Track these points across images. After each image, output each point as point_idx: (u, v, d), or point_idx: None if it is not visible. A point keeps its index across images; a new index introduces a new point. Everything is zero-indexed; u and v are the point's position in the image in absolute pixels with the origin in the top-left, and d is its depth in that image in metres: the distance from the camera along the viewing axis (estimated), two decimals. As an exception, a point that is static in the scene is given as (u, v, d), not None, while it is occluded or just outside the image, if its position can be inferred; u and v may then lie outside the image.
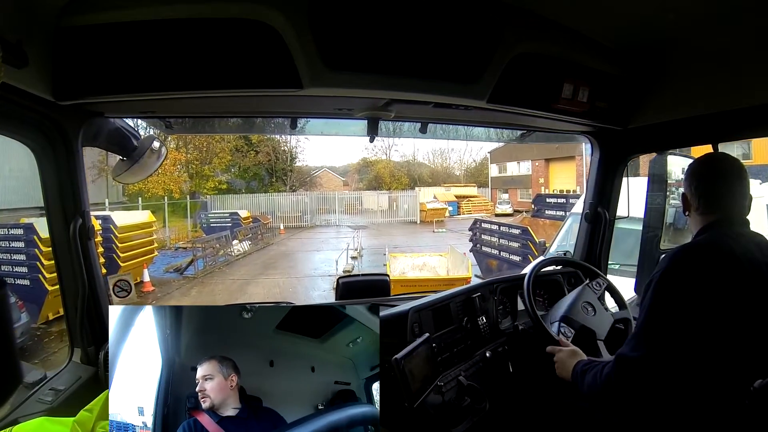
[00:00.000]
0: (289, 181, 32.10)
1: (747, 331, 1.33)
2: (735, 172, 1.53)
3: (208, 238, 15.99)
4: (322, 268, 14.43)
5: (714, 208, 1.51)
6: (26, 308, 7.51)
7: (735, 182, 1.51)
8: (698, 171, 1.58)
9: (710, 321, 1.32)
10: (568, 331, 1.99)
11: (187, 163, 26.49)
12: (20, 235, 8.73)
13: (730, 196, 1.51)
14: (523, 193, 31.87)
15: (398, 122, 2.15)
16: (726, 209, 1.50)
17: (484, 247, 12.89)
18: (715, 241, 1.44)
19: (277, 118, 2.12)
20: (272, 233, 21.08)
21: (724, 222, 1.48)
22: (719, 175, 1.54)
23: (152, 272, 12.58)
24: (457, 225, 23.98)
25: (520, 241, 11.61)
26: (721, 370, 1.33)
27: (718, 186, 1.52)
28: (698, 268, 1.37)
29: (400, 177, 36.20)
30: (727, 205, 1.50)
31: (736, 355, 1.33)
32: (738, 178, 1.52)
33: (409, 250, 15.52)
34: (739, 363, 1.33)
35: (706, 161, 1.59)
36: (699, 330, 1.33)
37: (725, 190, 1.51)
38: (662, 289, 1.40)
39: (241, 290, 11.76)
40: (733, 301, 1.33)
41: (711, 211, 1.52)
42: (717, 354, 1.33)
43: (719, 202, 1.51)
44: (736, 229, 1.47)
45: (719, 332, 1.32)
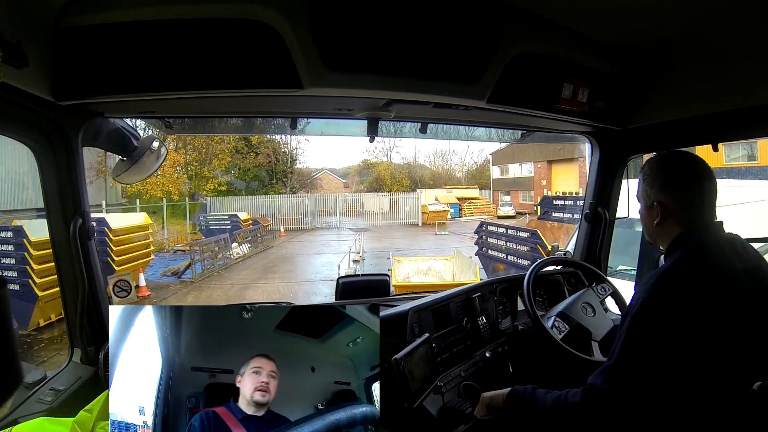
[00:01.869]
0: (289, 183, 32.11)
1: (735, 342, 1.27)
2: (705, 172, 1.42)
3: (207, 240, 15.89)
4: (323, 272, 14.33)
5: (687, 218, 1.40)
6: (15, 314, 7.36)
7: (706, 184, 1.41)
8: (663, 175, 1.45)
9: (694, 346, 1.25)
10: (562, 326, 1.99)
11: (186, 165, 26.49)
12: (9, 238, 8.52)
13: (703, 201, 1.40)
14: (525, 195, 31.87)
15: (398, 122, 2.15)
16: (700, 218, 1.40)
17: (490, 251, 12.69)
18: (695, 260, 1.33)
19: (277, 118, 2.13)
20: (272, 236, 21.05)
21: (700, 232, 1.38)
22: (689, 179, 1.42)
23: (149, 276, 12.49)
24: (459, 227, 24.00)
25: (529, 245, 11.35)
26: (712, 383, 1.27)
27: (690, 191, 1.41)
28: (680, 296, 1.27)
29: (401, 179, 36.24)
30: (702, 213, 1.40)
31: (726, 368, 1.27)
32: (709, 179, 1.42)
33: (412, 253, 15.48)
34: (730, 374, 1.28)
35: (670, 163, 1.46)
36: (681, 359, 1.25)
37: (698, 196, 1.41)
38: (641, 322, 1.30)
39: (240, 295, 11.60)
40: (718, 321, 1.26)
41: (683, 222, 1.41)
42: (707, 370, 1.27)
43: (693, 210, 1.40)
44: (713, 237, 1.38)
45: (705, 355, 1.26)
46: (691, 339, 1.25)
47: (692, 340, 1.26)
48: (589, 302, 2.12)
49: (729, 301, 1.28)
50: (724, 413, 1.28)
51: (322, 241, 20.93)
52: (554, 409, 1.40)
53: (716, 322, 1.26)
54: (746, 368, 1.29)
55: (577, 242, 2.67)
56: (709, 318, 1.26)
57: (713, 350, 1.27)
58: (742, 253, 1.37)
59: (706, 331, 1.26)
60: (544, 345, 1.96)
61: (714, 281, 1.29)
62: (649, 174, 1.47)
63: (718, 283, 1.29)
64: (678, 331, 1.26)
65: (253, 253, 17.25)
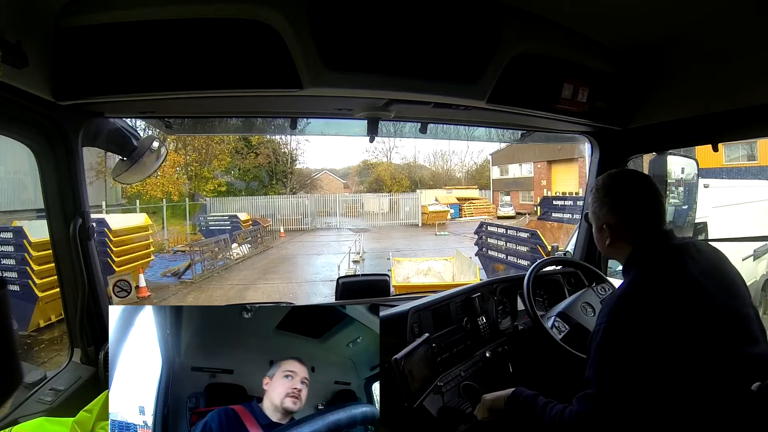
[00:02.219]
0: (289, 184, 32.08)
1: (708, 348, 1.28)
2: (647, 185, 1.48)
3: (207, 241, 15.89)
4: (323, 272, 14.31)
5: (636, 236, 1.45)
6: (15, 315, 7.35)
7: (652, 198, 1.47)
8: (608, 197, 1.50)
9: (667, 359, 1.26)
10: (562, 326, 1.99)
11: (186, 165, 26.48)
12: (9, 239, 8.48)
13: (650, 216, 1.45)
14: (525, 196, 31.85)
15: (398, 122, 2.15)
16: (650, 233, 1.44)
17: (490, 251, 12.63)
18: (648, 278, 1.37)
19: (277, 118, 2.13)
20: (272, 236, 21.05)
21: (652, 247, 1.42)
22: (634, 196, 1.47)
23: (149, 276, 12.45)
24: (459, 228, 23.97)
25: (528, 245, 11.29)
26: (697, 395, 1.28)
27: (637, 209, 1.46)
28: (639, 316, 1.30)
29: (401, 179, 36.20)
30: (651, 228, 1.44)
31: (705, 377, 1.28)
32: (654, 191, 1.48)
33: (412, 254, 15.48)
34: (712, 382, 1.28)
35: (612, 183, 1.51)
36: (656, 374, 1.27)
37: (645, 212, 1.46)
38: (606, 349, 1.32)
39: (240, 296, 11.59)
40: (684, 328, 1.28)
41: (633, 240, 1.45)
42: (686, 384, 1.28)
43: (641, 227, 1.45)
44: (665, 249, 1.41)
45: (680, 364, 1.27)
46: (659, 353, 1.27)
47: (661, 354, 1.27)
48: (589, 302, 2.12)
49: (690, 306, 1.30)
50: (717, 416, 1.28)
51: (322, 241, 20.92)
52: (550, 424, 1.40)
53: (682, 330, 1.28)
54: (724, 370, 1.29)
55: (577, 242, 2.67)
56: (673, 328, 1.28)
57: (685, 358, 1.27)
58: (696, 257, 1.39)
59: (673, 342, 1.27)
60: (544, 345, 1.95)
61: (670, 293, 1.32)
62: (597, 197, 1.52)
63: (674, 294, 1.31)
64: (645, 350, 1.28)
65: (253, 253, 17.23)
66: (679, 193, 2.36)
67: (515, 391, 1.57)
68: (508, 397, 1.57)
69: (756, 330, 1.37)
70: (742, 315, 1.36)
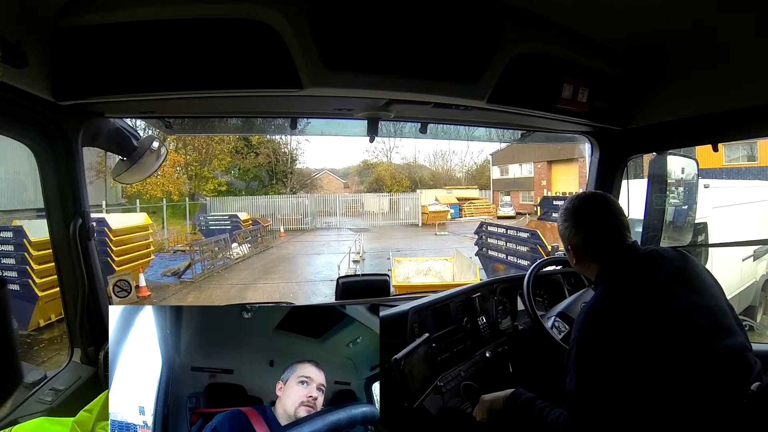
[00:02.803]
0: (289, 183, 32.09)
1: (682, 350, 1.32)
2: (606, 205, 1.57)
3: (207, 241, 15.87)
4: (323, 272, 14.29)
5: (602, 252, 1.53)
6: (15, 314, 7.33)
7: (612, 217, 1.55)
8: (573, 218, 1.59)
9: (644, 364, 1.30)
10: (562, 326, 1.99)
11: (186, 165, 26.48)
12: (9, 238, 8.49)
13: (612, 233, 1.53)
14: (525, 196, 31.86)
15: (398, 122, 2.15)
16: (614, 248, 1.51)
17: (490, 251, 12.62)
18: (616, 288, 1.43)
19: (277, 118, 2.13)
20: (272, 236, 21.05)
21: (618, 261, 1.49)
22: (594, 216, 1.57)
23: (149, 276, 12.45)
24: (459, 228, 23.96)
25: (528, 245, 11.29)
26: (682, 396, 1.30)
27: (603, 224, 1.55)
28: (608, 326, 1.35)
29: (401, 179, 36.21)
30: (614, 243, 1.52)
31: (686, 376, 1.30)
32: (615, 208, 1.57)
33: (412, 254, 15.47)
34: (694, 380, 1.30)
35: (575, 206, 1.61)
36: (637, 380, 1.30)
37: (606, 230, 1.54)
38: (582, 360, 1.37)
39: (240, 296, 11.58)
40: (655, 335, 1.32)
41: (600, 257, 1.53)
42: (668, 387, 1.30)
43: (605, 244, 1.53)
44: (631, 259, 1.48)
45: (658, 368, 1.30)
46: (636, 358, 1.31)
47: (638, 358, 1.31)
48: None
49: (658, 309, 1.35)
50: (703, 416, 1.29)
51: (322, 241, 20.91)
52: (545, 430, 1.43)
53: (654, 332, 1.32)
54: (706, 362, 1.32)
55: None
56: (645, 332, 1.32)
57: (662, 361, 1.30)
58: (661, 263, 1.45)
59: (647, 345, 1.31)
60: (544, 345, 1.96)
61: (638, 299, 1.37)
62: (561, 219, 1.63)
63: (642, 299, 1.37)
64: (619, 357, 1.31)
65: (253, 253, 17.23)
66: (679, 193, 2.36)
67: (514, 392, 1.59)
68: (507, 398, 1.59)
69: (732, 323, 1.42)
70: (714, 311, 1.40)
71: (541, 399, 1.53)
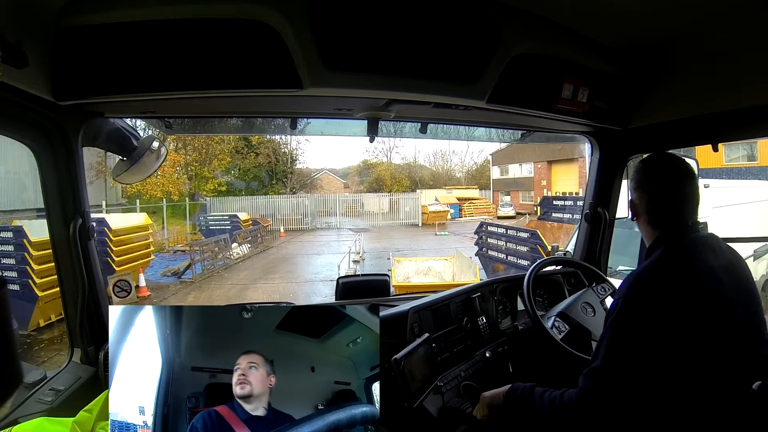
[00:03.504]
0: (289, 183, 32.07)
1: (717, 341, 1.30)
2: (684, 174, 1.47)
3: (207, 241, 15.86)
4: (323, 272, 14.29)
5: (665, 220, 1.47)
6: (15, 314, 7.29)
7: (685, 186, 1.46)
8: (644, 178, 1.52)
9: (677, 342, 1.28)
10: (562, 326, 1.99)
11: (187, 165, 26.47)
12: (9, 238, 8.48)
13: (680, 203, 1.46)
14: (525, 196, 31.85)
15: (398, 122, 2.15)
16: (678, 219, 1.45)
17: (490, 251, 12.64)
18: (670, 260, 1.39)
19: (277, 118, 2.12)
20: (272, 236, 21.04)
21: (677, 233, 1.44)
22: (667, 181, 1.48)
23: (149, 276, 12.45)
24: (459, 228, 23.97)
25: (528, 245, 11.30)
26: (703, 383, 1.30)
27: (668, 194, 1.47)
28: (657, 294, 1.32)
29: (401, 179, 36.19)
30: (679, 214, 1.45)
31: (715, 365, 1.30)
32: (689, 181, 1.46)
33: (412, 254, 15.47)
34: (721, 371, 1.30)
35: (651, 166, 1.52)
36: (665, 356, 1.29)
37: (676, 198, 1.46)
38: (621, 322, 1.35)
39: (240, 296, 11.59)
40: (698, 317, 1.29)
41: (662, 223, 1.47)
42: (694, 370, 1.29)
43: (670, 212, 1.46)
44: (690, 238, 1.42)
45: (689, 351, 1.29)
46: (672, 335, 1.29)
47: (674, 337, 1.29)
48: (589, 302, 2.12)
49: (708, 296, 1.32)
50: (716, 412, 1.29)
51: (322, 241, 20.91)
52: (550, 411, 1.43)
53: (696, 318, 1.30)
54: (733, 364, 1.31)
55: (577, 242, 2.67)
56: (688, 313, 1.29)
57: (696, 346, 1.29)
58: (717, 252, 1.41)
59: (686, 327, 1.29)
60: (544, 345, 1.96)
61: (690, 278, 1.33)
62: (632, 174, 1.57)
63: (694, 280, 1.33)
64: (658, 329, 1.29)
65: (253, 253, 17.22)
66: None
67: (512, 386, 1.59)
68: (507, 391, 1.59)
69: (766, 331, 1.40)
70: (753, 314, 1.38)
71: (539, 386, 1.53)
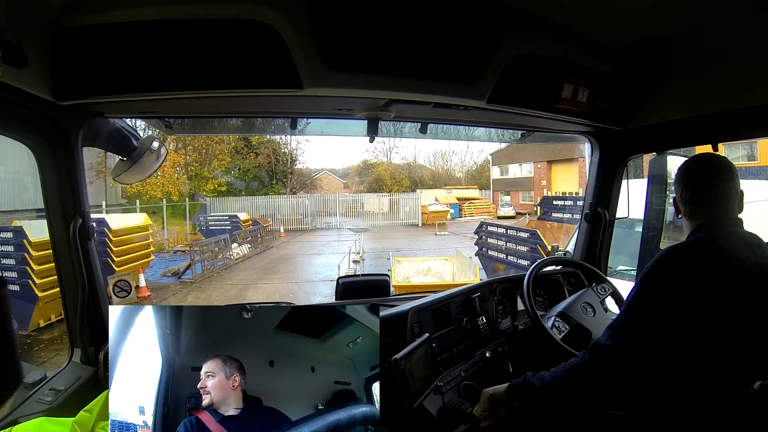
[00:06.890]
0: (289, 184, 32.06)
1: (739, 331, 1.30)
2: (723, 172, 1.51)
3: (207, 241, 15.83)
4: (323, 272, 14.24)
5: (702, 212, 1.50)
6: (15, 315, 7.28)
7: (723, 183, 1.50)
8: (685, 175, 1.56)
9: (697, 320, 1.30)
10: (562, 326, 1.99)
11: (186, 165, 26.45)
12: (9, 238, 8.45)
13: (717, 198, 1.49)
14: (525, 196, 31.83)
15: (398, 122, 2.15)
16: (714, 212, 1.48)
17: (490, 251, 12.61)
18: (704, 241, 1.43)
19: (277, 118, 2.13)
20: (272, 236, 21.00)
21: (714, 224, 1.47)
22: (706, 178, 1.52)
23: (149, 276, 12.40)
24: (459, 228, 23.94)
25: (528, 245, 11.28)
26: (713, 371, 1.31)
27: (706, 189, 1.51)
28: (685, 267, 1.35)
29: (401, 179, 36.19)
30: (716, 208, 1.49)
31: (728, 356, 1.31)
32: (727, 179, 1.50)
33: (412, 254, 15.44)
34: (732, 364, 1.31)
35: (692, 164, 1.57)
36: (683, 329, 1.31)
37: (712, 193, 1.50)
38: (646, 284, 1.39)
39: (240, 296, 11.54)
40: (723, 301, 1.30)
41: (699, 215, 1.51)
42: (707, 354, 1.31)
43: (707, 205, 1.50)
44: (728, 230, 1.45)
45: (708, 332, 1.30)
46: (692, 314, 1.30)
47: (694, 315, 1.30)
48: (589, 302, 2.12)
49: (736, 287, 1.32)
50: (723, 405, 1.30)
51: (322, 241, 20.88)
52: (561, 376, 1.46)
53: (720, 304, 1.30)
54: (747, 359, 1.31)
55: (577, 242, 2.67)
56: (712, 298, 1.30)
57: (715, 331, 1.30)
58: (756, 250, 1.41)
59: (709, 310, 1.30)
60: (544, 345, 1.95)
61: (720, 264, 1.34)
62: (680, 174, 1.59)
63: (724, 267, 1.34)
64: (680, 300, 1.31)
65: (253, 253, 17.18)
66: (679, 192, 2.36)
67: (511, 383, 1.60)
68: (506, 389, 1.60)
69: None
70: None
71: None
